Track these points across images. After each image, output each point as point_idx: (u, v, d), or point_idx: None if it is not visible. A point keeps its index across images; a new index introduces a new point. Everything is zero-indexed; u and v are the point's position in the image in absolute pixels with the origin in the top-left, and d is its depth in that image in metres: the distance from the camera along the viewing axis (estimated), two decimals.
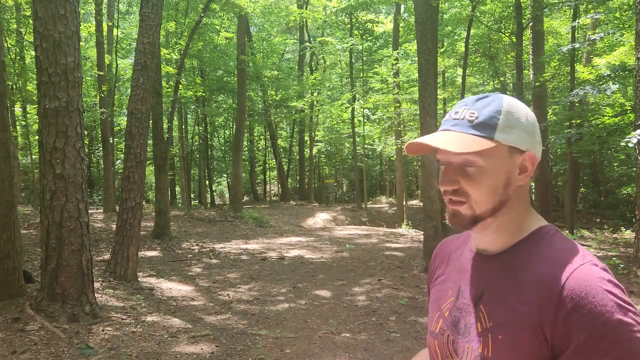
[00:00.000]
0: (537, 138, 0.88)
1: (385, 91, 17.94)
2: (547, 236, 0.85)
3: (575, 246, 0.83)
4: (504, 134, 0.84)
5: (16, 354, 4.02)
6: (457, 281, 0.93)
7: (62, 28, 4.91)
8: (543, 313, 0.77)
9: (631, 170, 15.58)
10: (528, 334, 0.77)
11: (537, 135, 0.88)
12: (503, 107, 0.86)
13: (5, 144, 5.46)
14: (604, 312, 0.72)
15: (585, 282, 0.75)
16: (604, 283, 0.75)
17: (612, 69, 8.94)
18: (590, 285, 0.75)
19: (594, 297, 0.74)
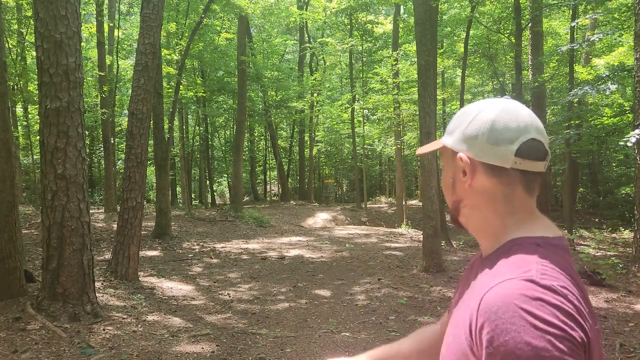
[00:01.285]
0: (483, 140, 0.83)
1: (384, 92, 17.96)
2: (515, 247, 0.80)
3: (527, 261, 0.75)
4: (449, 136, 0.89)
5: (17, 353, 4.05)
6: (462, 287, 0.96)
7: (63, 29, 4.94)
8: (470, 323, 0.75)
9: (630, 170, 15.61)
10: (463, 340, 0.76)
11: (484, 137, 0.83)
12: (459, 111, 0.90)
13: (7, 144, 5.49)
14: (510, 330, 0.66)
15: (501, 297, 0.70)
16: (523, 300, 0.68)
17: (611, 70, 8.97)
18: (505, 301, 0.69)
19: (504, 313, 0.68)
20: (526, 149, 0.81)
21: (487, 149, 0.83)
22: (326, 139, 25.86)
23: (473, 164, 0.85)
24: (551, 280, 0.71)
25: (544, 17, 14.26)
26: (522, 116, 0.84)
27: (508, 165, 0.82)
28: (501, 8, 13.02)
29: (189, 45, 13.03)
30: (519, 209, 0.84)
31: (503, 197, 0.84)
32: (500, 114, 0.84)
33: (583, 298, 0.74)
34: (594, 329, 0.72)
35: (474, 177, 0.85)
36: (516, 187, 0.83)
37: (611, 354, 4.19)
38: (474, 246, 10.41)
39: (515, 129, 0.82)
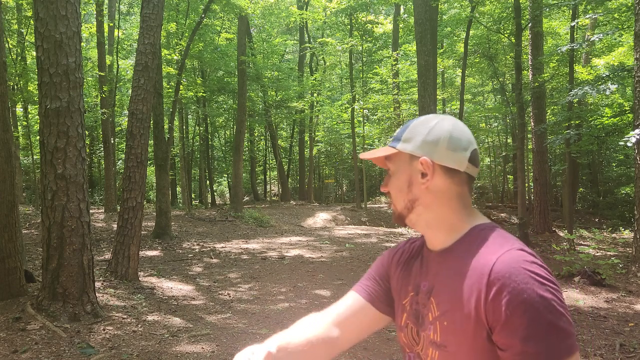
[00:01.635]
0: (443, 146, 0.98)
1: (384, 92, 17.98)
2: (483, 232, 0.95)
3: (505, 237, 0.93)
4: (404, 143, 1.02)
5: (17, 353, 4.05)
6: (416, 278, 1.04)
7: (63, 29, 4.94)
8: (477, 296, 0.87)
9: (630, 170, 15.62)
10: (467, 317, 0.88)
11: (442, 144, 0.98)
12: (412, 123, 1.04)
13: (7, 144, 5.49)
14: (526, 289, 0.82)
15: (510, 265, 0.85)
16: (526, 264, 0.85)
17: (611, 70, 8.97)
18: (514, 267, 0.84)
19: (517, 276, 0.83)
20: (473, 157, 0.99)
21: (446, 154, 0.98)
22: (326, 139, 25.86)
23: (434, 166, 0.98)
24: (531, 250, 0.89)
25: (544, 17, 14.25)
26: (467, 130, 1.01)
27: (462, 169, 0.98)
28: (501, 8, 13.01)
29: (189, 45, 13.03)
30: (468, 205, 1.00)
31: (457, 195, 0.99)
32: (455, 126, 1.00)
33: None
34: None
35: (433, 179, 0.99)
36: (465, 187, 1.00)
37: (611, 354, 4.19)
38: None
39: (467, 140, 0.99)
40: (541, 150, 12.50)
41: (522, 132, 10.86)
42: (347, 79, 23.44)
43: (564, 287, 6.58)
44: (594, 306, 5.65)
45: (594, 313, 5.37)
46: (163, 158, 10.99)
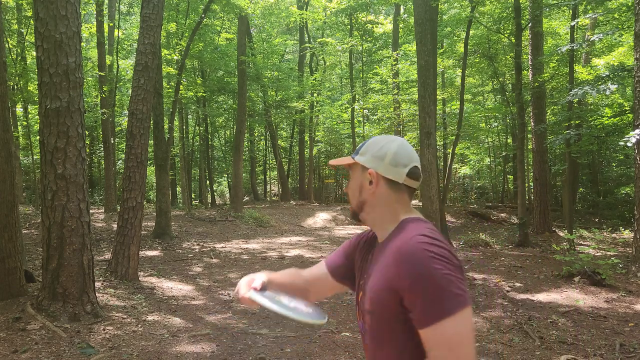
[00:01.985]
0: (387, 162, 1.24)
1: (384, 92, 17.98)
2: (405, 223, 1.21)
3: (419, 226, 1.17)
4: (360, 156, 1.29)
5: (17, 353, 4.05)
6: (369, 265, 1.30)
7: (63, 29, 4.94)
8: (391, 272, 1.12)
9: (630, 170, 15.61)
10: (385, 288, 1.13)
11: (387, 160, 1.24)
12: (369, 140, 1.31)
13: (7, 144, 5.50)
14: (423, 263, 1.06)
15: (412, 245, 1.10)
16: (426, 245, 1.09)
17: (611, 70, 8.96)
18: (415, 246, 1.09)
19: (415, 254, 1.08)
20: (412, 173, 1.24)
21: (389, 168, 1.24)
22: (326, 139, 25.86)
23: (378, 177, 1.25)
24: (434, 234, 1.13)
25: (544, 17, 14.25)
26: (411, 151, 1.26)
27: (401, 181, 1.24)
28: (501, 8, 13.00)
29: (189, 45, 13.02)
30: (405, 206, 1.26)
31: (396, 201, 1.25)
32: (400, 147, 1.25)
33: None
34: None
35: (378, 187, 1.25)
36: (403, 194, 1.25)
37: (611, 354, 4.19)
38: (473, 246, 10.42)
39: (408, 158, 1.24)
40: (541, 150, 12.50)
41: (522, 132, 10.86)
42: (347, 79, 23.44)
43: (564, 287, 6.58)
44: (594, 306, 5.65)
45: (594, 313, 5.37)
46: (163, 158, 10.99)
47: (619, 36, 12.33)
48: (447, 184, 14.43)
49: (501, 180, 22.33)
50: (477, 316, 5.26)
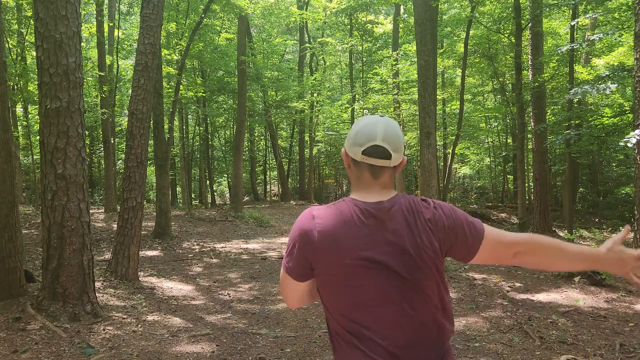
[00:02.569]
0: (350, 142, 1.39)
1: (384, 92, 17.96)
2: (339, 199, 1.41)
3: (328, 205, 1.39)
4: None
5: (17, 353, 4.05)
6: None
7: (63, 29, 4.94)
8: None
9: (630, 170, 15.61)
10: None
11: (350, 140, 1.39)
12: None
13: (7, 144, 5.50)
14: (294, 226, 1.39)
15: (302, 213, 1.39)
16: (301, 215, 1.38)
17: (611, 70, 8.96)
18: (301, 215, 1.40)
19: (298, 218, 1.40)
20: (370, 151, 1.34)
21: (350, 148, 1.39)
22: (326, 139, 25.85)
23: (347, 156, 1.42)
24: (317, 211, 1.36)
25: (544, 17, 14.25)
26: (376, 129, 1.34)
27: (358, 159, 1.37)
28: (501, 8, 13.01)
29: (189, 45, 13.02)
30: (361, 184, 1.39)
31: (356, 177, 1.40)
32: (362, 127, 1.36)
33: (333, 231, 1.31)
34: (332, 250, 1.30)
35: (349, 164, 1.42)
36: (364, 172, 1.37)
37: (611, 354, 4.19)
38: None
39: (366, 137, 1.34)
40: (541, 150, 12.50)
41: (522, 132, 10.87)
42: (347, 79, 23.44)
43: (564, 287, 6.58)
44: (594, 306, 5.65)
45: (594, 313, 5.37)
46: (163, 158, 10.99)
47: (619, 36, 12.32)
48: (447, 184, 14.43)
49: (501, 180, 22.33)
50: (477, 316, 5.26)
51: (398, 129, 1.36)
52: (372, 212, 1.32)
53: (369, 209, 1.32)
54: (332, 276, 1.31)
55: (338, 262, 1.28)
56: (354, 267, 1.28)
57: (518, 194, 11.21)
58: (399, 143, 1.34)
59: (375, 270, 1.28)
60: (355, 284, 1.29)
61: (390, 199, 1.36)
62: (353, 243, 1.29)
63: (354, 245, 1.29)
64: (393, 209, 1.33)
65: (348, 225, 1.30)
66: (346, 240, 1.29)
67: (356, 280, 1.29)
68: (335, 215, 1.32)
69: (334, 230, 1.30)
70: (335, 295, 1.32)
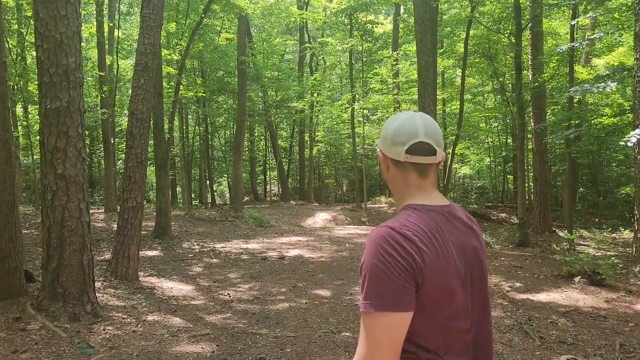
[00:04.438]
0: (388, 142, 1.27)
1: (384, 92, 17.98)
2: (402, 210, 1.24)
3: (400, 217, 1.19)
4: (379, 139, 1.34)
5: (17, 353, 4.05)
6: None
7: (63, 29, 4.94)
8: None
9: (630, 170, 15.62)
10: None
11: (388, 140, 1.27)
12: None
13: (7, 144, 5.50)
14: (368, 255, 1.13)
15: (372, 237, 1.15)
16: (381, 238, 1.13)
17: (611, 69, 8.95)
18: (373, 239, 1.15)
19: (370, 244, 1.14)
20: (414, 149, 1.22)
21: (390, 148, 1.26)
22: (326, 139, 25.87)
23: (385, 158, 1.29)
24: (406, 230, 1.14)
25: (544, 17, 14.25)
26: (416, 125, 1.23)
27: (402, 159, 1.24)
28: (501, 8, 13.00)
29: (189, 45, 13.02)
30: (412, 187, 1.26)
31: (402, 180, 1.27)
32: (400, 124, 1.25)
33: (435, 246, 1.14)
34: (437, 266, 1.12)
35: (388, 166, 1.29)
36: (410, 173, 1.25)
37: (611, 354, 4.19)
38: None
39: (407, 135, 1.23)
40: (541, 150, 12.50)
41: (522, 132, 10.86)
42: (347, 79, 23.43)
43: (564, 287, 6.58)
44: (594, 306, 5.65)
45: (594, 313, 5.37)
46: (163, 158, 10.99)
47: (619, 36, 12.33)
48: (447, 184, 14.42)
49: (501, 180, 22.34)
50: None
51: (435, 122, 1.28)
52: (452, 216, 1.23)
53: (445, 213, 1.23)
54: (434, 293, 1.13)
55: (441, 277, 1.13)
56: (453, 279, 1.16)
57: (518, 194, 11.20)
58: (440, 137, 1.26)
59: (466, 281, 1.20)
60: (451, 298, 1.16)
61: (450, 202, 1.28)
62: (451, 253, 1.16)
63: (451, 255, 1.16)
64: (458, 214, 1.26)
65: (441, 233, 1.17)
66: (446, 250, 1.16)
67: (452, 294, 1.16)
68: (425, 224, 1.16)
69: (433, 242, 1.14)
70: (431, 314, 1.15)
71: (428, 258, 1.11)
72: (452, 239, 1.19)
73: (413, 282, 1.10)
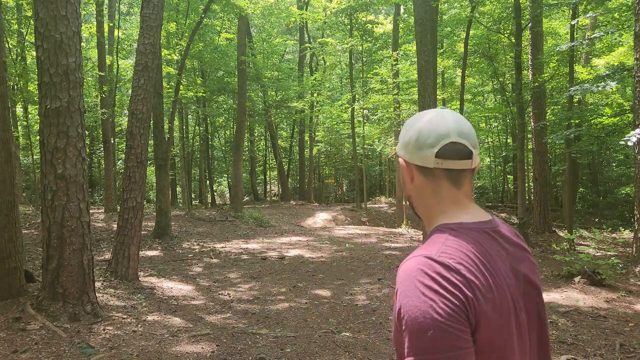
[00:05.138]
0: (412, 146, 1.02)
1: (384, 92, 17.98)
2: (435, 232, 1.00)
3: (435, 241, 0.95)
4: (399, 144, 1.09)
5: (17, 353, 4.05)
6: None
7: (63, 29, 4.94)
8: (395, 292, 0.94)
9: (630, 170, 15.62)
10: (394, 319, 0.94)
11: (411, 144, 1.02)
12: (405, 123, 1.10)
13: (7, 144, 5.50)
14: (407, 296, 0.88)
15: (406, 270, 0.91)
16: (419, 272, 0.89)
17: (611, 69, 8.96)
18: (408, 273, 0.91)
19: (405, 282, 0.90)
20: (446, 151, 0.99)
21: (414, 153, 1.02)
22: (326, 139, 25.88)
23: (409, 166, 1.05)
24: (447, 258, 0.90)
25: (544, 17, 14.25)
26: (446, 123, 1.00)
27: (431, 165, 1.00)
28: (501, 8, 13.01)
29: (189, 45, 13.02)
30: (444, 200, 1.02)
31: (431, 191, 1.03)
32: (426, 124, 1.02)
33: (484, 273, 0.91)
34: (492, 300, 0.90)
35: (413, 176, 1.05)
36: (442, 182, 1.01)
37: (611, 354, 4.19)
38: None
39: (436, 135, 0.99)
40: (541, 150, 12.50)
41: (522, 132, 10.86)
42: (347, 79, 23.45)
43: (564, 287, 6.58)
44: (594, 306, 5.65)
45: (594, 313, 5.37)
46: (163, 158, 10.99)
47: (619, 36, 12.34)
48: None
49: (501, 180, 22.34)
50: None
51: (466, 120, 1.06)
52: (498, 235, 1.00)
53: (489, 232, 0.99)
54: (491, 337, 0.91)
55: (497, 315, 0.91)
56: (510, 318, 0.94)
57: (518, 194, 11.20)
58: (474, 137, 1.03)
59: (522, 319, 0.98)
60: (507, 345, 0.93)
61: (492, 217, 1.05)
62: (503, 282, 0.94)
63: (504, 284, 0.94)
64: (504, 231, 1.03)
65: (490, 259, 0.95)
66: (498, 279, 0.93)
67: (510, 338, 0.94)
68: (468, 249, 0.93)
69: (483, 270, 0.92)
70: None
71: (479, 291, 0.88)
72: (501, 264, 0.96)
73: (468, 325, 0.86)
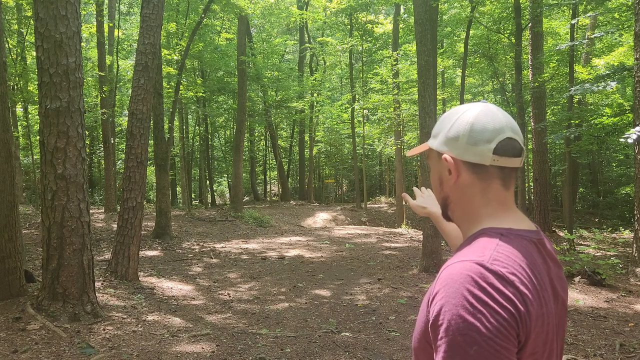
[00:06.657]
0: (464, 141, 0.92)
1: (384, 92, 17.97)
2: (482, 235, 0.89)
3: (485, 246, 0.85)
4: (433, 139, 1.00)
5: (17, 353, 4.05)
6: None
7: (63, 29, 4.94)
8: (430, 293, 0.86)
9: (630, 170, 15.62)
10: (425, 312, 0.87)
11: (464, 138, 0.92)
12: (442, 117, 0.99)
13: (7, 144, 5.49)
14: (451, 304, 0.78)
15: (452, 275, 0.81)
16: (469, 280, 0.79)
17: (611, 69, 8.96)
18: (454, 278, 0.80)
19: (451, 288, 0.79)
20: (502, 147, 0.90)
21: (467, 149, 0.92)
22: (326, 139, 25.88)
23: (456, 163, 0.94)
24: (500, 267, 0.81)
25: (544, 17, 14.25)
26: (498, 117, 0.92)
27: (487, 163, 0.91)
28: (501, 8, 13.01)
29: (189, 45, 13.02)
30: (492, 202, 0.93)
31: (480, 192, 0.93)
32: (479, 117, 0.93)
33: (535, 287, 0.83)
34: (542, 316, 0.82)
35: (459, 175, 0.94)
36: (493, 182, 0.92)
37: (611, 354, 4.19)
38: None
39: (492, 130, 0.91)
40: (541, 150, 12.50)
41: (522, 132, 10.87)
42: (347, 79, 23.44)
43: None
44: (594, 306, 5.65)
45: (594, 313, 5.37)
46: (163, 158, 10.99)
47: (619, 36, 12.34)
48: None
49: None
50: None
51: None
52: (544, 248, 0.93)
53: (536, 243, 0.91)
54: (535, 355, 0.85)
55: (544, 332, 0.84)
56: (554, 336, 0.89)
57: (518, 194, 11.20)
58: (521, 133, 0.95)
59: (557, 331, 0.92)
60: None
61: (537, 227, 0.97)
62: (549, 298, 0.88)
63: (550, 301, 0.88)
64: (548, 245, 0.95)
65: (539, 271, 0.87)
66: (546, 294, 0.87)
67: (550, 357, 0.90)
68: (519, 258, 0.84)
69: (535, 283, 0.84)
70: None
71: (532, 307, 0.80)
72: (546, 278, 0.88)
73: (516, 343, 0.78)
